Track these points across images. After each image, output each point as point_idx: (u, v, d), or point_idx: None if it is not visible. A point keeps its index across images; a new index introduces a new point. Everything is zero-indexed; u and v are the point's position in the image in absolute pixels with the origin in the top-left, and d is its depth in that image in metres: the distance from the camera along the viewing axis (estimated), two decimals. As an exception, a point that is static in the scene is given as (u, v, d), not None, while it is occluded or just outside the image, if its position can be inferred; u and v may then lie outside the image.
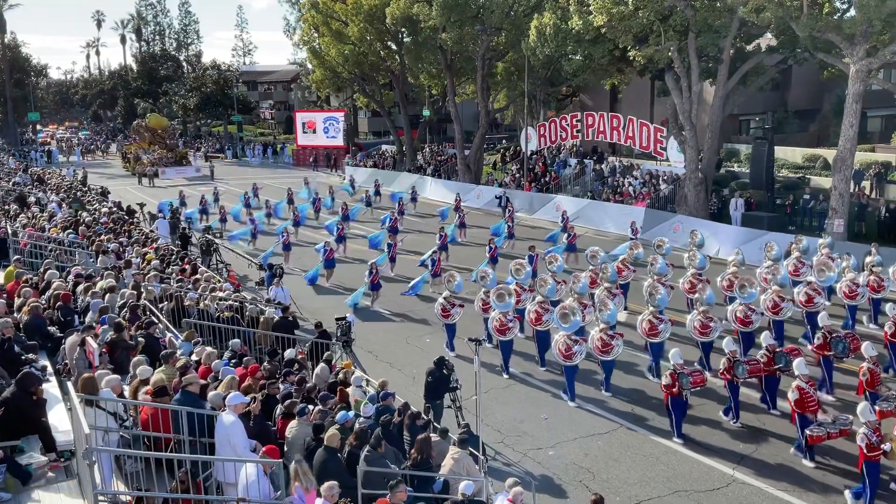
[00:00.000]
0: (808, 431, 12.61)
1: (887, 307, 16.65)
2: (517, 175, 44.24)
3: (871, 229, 28.25)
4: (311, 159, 65.38)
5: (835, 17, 26.45)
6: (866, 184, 32.62)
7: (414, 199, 39.73)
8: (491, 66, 44.85)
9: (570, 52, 36.00)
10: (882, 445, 11.02)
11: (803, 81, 44.64)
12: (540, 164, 44.89)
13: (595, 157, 43.63)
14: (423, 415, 12.37)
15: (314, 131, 64.87)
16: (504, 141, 63.45)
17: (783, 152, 37.49)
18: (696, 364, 16.20)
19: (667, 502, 12.06)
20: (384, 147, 63.98)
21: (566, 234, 27.23)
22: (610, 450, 13.89)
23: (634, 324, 17.77)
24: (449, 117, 51.96)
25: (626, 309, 20.63)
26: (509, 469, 12.96)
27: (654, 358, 16.93)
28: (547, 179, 42.45)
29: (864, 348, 14.15)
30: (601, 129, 39.10)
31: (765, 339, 15.17)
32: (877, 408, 12.63)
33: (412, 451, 10.48)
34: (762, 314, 17.69)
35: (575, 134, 41.40)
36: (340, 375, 13.31)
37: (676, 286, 20.22)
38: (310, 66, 62.53)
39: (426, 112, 57.62)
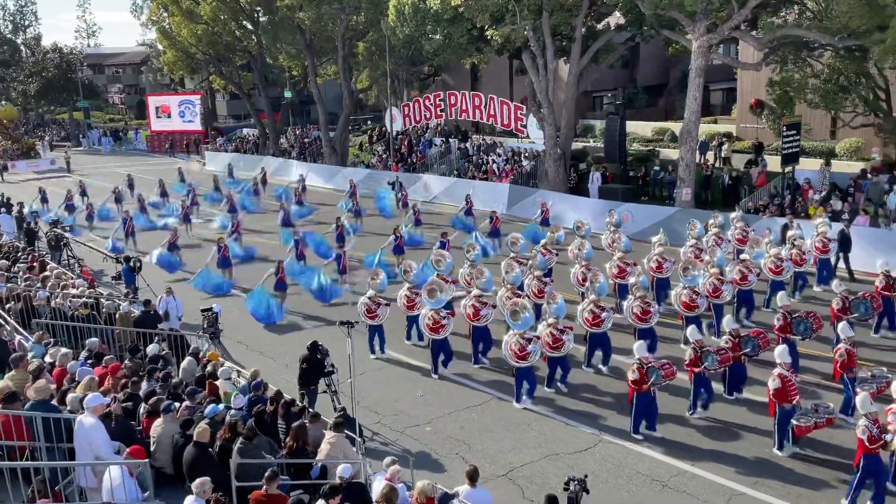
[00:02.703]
0: (794, 422, 12.04)
1: (833, 284, 16.42)
2: (383, 156, 44.17)
3: (716, 196, 30.20)
4: (166, 145, 62.63)
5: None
6: (710, 154, 34.77)
7: (303, 189, 36.46)
8: (352, 45, 44.39)
9: (430, 31, 36.22)
10: (883, 436, 10.51)
11: (651, 58, 46.94)
12: (405, 143, 45.01)
13: (459, 136, 44.20)
14: (297, 402, 12.25)
15: (169, 116, 62.05)
16: (369, 122, 63.07)
17: (634, 126, 39.30)
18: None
19: (539, 466, 12.52)
20: (245, 131, 62.14)
21: (545, 228, 25.48)
22: (484, 421, 14.26)
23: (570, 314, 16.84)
24: (312, 99, 51.06)
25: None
26: (387, 448, 13.06)
27: (602, 350, 15.97)
28: (413, 159, 42.63)
29: (841, 328, 13.54)
30: (464, 108, 39.65)
31: (727, 323, 14.57)
32: (858, 390, 12.32)
33: (287, 439, 10.36)
34: (706, 297, 16.84)
35: (439, 113, 41.75)
36: (208, 368, 12.93)
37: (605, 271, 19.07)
38: (160, 47, 59.71)
39: (287, 93, 56.36)
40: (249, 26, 49.40)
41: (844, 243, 20.40)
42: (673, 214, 26.45)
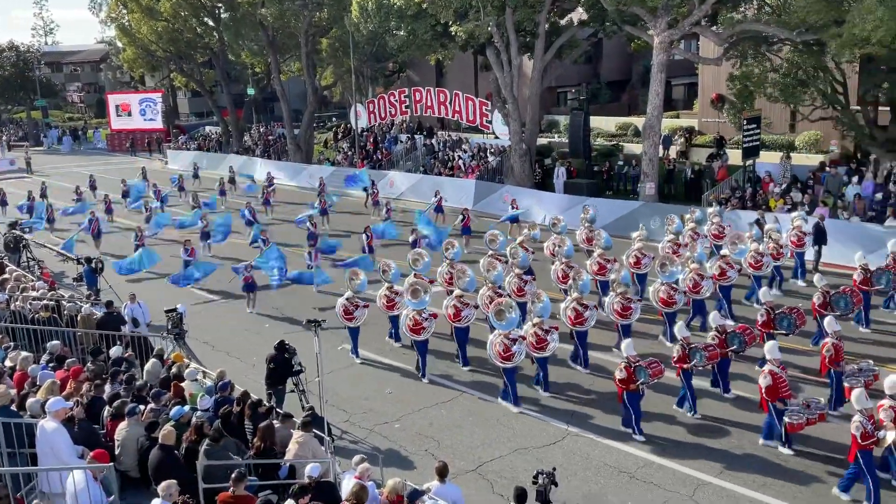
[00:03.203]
0: (786, 420, 11.98)
1: (815, 278, 16.28)
2: (349, 153, 43.97)
3: (679, 190, 30.57)
4: (127, 144, 61.65)
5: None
6: (673, 148, 35.15)
7: (272, 189, 35.58)
8: (315, 42, 44.06)
9: (394, 27, 36.07)
10: (877, 433, 10.46)
11: (614, 54, 47.30)
12: (371, 140, 44.84)
13: (425, 133, 44.14)
14: (264, 402, 12.16)
15: (129, 114, 61.02)
16: (334, 119, 62.70)
17: (598, 122, 39.60)
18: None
19: (509, 461, 12.59)
20: (208, 128, 61.40)
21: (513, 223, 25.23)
22: (453, 416, 14.29)
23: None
24: (275, 96, 50.59)
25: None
26: (356, 447, 13.02)
27: (582, 348, 15.81)
28: (379, 156, 42.50)
29: (828, 323, 13.53)
30: (429, 104, 39.59)
31: (713, 319, 14.44)
32: (846, 384, 12.65)
33: (254, 439, 10.29)
34: (685, 293, 16.81)
35: (404, 110, 41.65)
36: (173, 370, 12.77)
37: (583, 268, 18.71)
38: (120, 44, 58.69)
39: (251, 91, 55.78)
40: (211, 23, 48.79)
41: (819, 236, 20.44)
42: (637, 208, 26.71)
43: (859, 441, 10.46)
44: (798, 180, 25.67)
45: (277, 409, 11.81)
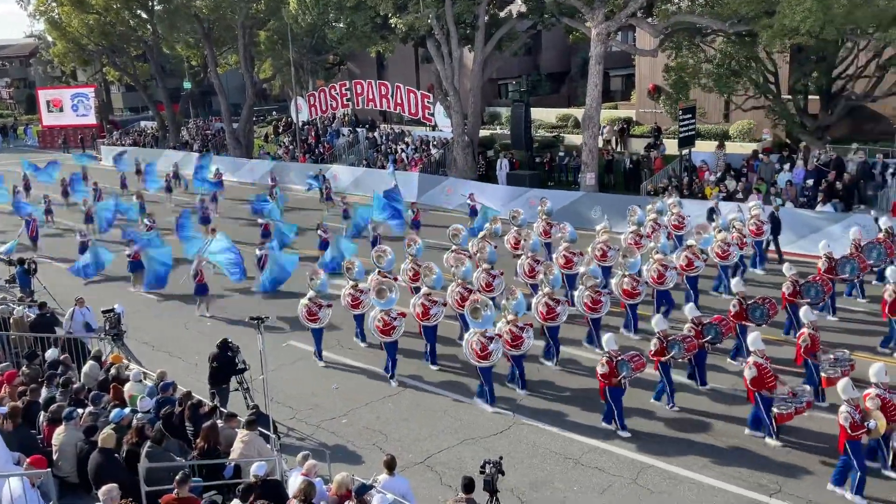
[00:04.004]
0: (774, 410, 11.98)
1: (784, 267, 16.26)
2: (290, 147, 43.46)
3: (619, 180, 31.06)
4: (59, 141, 59.75)
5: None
6: (612, 139, 35.69)
7: (219, 184, 34.85)
8: (252, 34, 43.35)
9: (333, 19, 35.69)
10: (866, 423, 10.43)
11: (553, 46, 47.74)
12: (312, 134, 44.39)
13: (367, 126, 43.90)
14: (207, 401, 11.97)
15: (61, 109, 59.23)
16: (274, 112, 61.84)
17: (539, 113, 39.91)
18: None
19: (456, 451, 12.68)
20: (143, 123, 59.92)
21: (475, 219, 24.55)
22: (400, 410, 14.31)
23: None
24: (213, 89, 49.65)
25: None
26: (303, 443, 12.95)
27: (554, 343, 15.58)
28: (321, 150, 42.11)
29: (804, 313, 13.44)
30: (370, 96, 39.38)
31: (689, 311, 14.19)
32: (823, 375, 12.66)
33: (198, 440, 10.13)
34: (647, 283, 16.75)
35: (345, 103, 41.34)
36: (112, 371, 12.48)
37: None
38: (50, 38, 56.77)
39: (187, 84, 54.61)
40: (144, 15, 47.59)
41: (774, 225, 20.63)
42: (579, 198, 27.06)
43: (848, 431, 10.42)
44: (732, 168, 26.32)
45: (221, 409, 11.65)
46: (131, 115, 70.88)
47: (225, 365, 13.58)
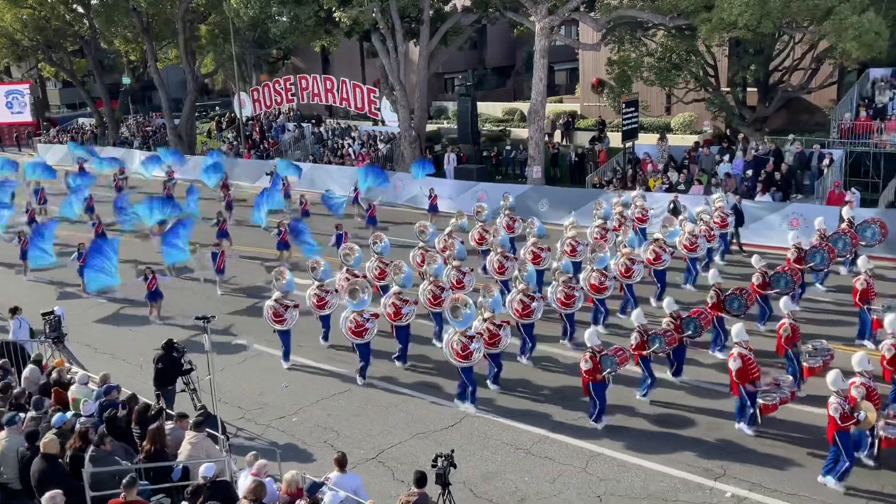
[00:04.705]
0: (760, 401, 12.01)
1: (753, 259, 16.24)
2: (234, 142, 42.80)
3: (564, 173, 31.41)
4: (-7, 139, 57.88)
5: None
6: (557, 133, 36.05)
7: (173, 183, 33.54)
8: (193, 28, 42.53)
9: (276, 13, 35.22)
10: (855, 414, 10.41)
11: (498, 40, 47.99)
12: (257, 129, 43.80)
13: (313, 121, 43.48)
14: (153, 403, 11.75)
15: (-6, 107, 57.15)
16: (217, 108, 60.78)
17: (485, 107, 40.12)
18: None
19: (409, 446, 12.69)
20: (81, 120, 58.26)
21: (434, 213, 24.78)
22: (351, 406, 14.25)
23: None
24: (153, 84, 48.53)
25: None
26: (253, 443, 12.80)
27: (530, 340, 15.44)
28: (266, 145, 41.58)
29: (784, 303, 13.42)
30: (316, 91, 38.96)
31: (667, 305, 14.14)
32: (805, 365, 12.85)
33: (144, 443, 9.94)
34: (615, 278, 16.60)
35: (290, 98, 40.86)
36: (54, 375, 12.16)
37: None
38: (-20, 33, 54.80)
39: (126, 80, 53.25)
40: (80, 10, 46.19)
41: (737, 217, 20.94)
42: (526, 192, 27.27)
43: (839, 422, 10.41)
44: (674, 160, 26.83)
45: (168, 410, 11.45)
46: (69, 111, 68.83)
47: (170, 366, 13.34)
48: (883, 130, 24.03)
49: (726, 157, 25.44)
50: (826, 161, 23.60)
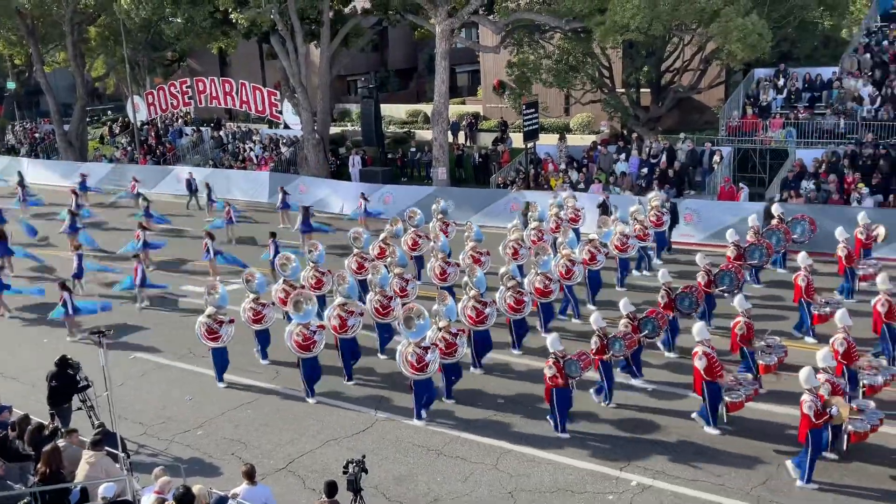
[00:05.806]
0: (727, 399, 12.04)
1: (697, 257, 16.31)
2: (129, 148, 41.27)
3: (469, 174, 31.73)
4: None
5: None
6: (461, 134, 36.39)
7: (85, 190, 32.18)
8: (82, 30, 40.72)
9: (169, 14, 34.17)
10: (829, 410, 10.46)
11: (400, 42, 48.09)
12: (153, 134, 42.37)
13: (212, 125, 42.40)
14: (47, 423, 11.21)
15: None
16: (110, 112, 58.45)
17: (389, 109, 40.11)
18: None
19: (319, 454, 12.54)
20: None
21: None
22: (260, 417, 13.96)
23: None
24: (40, 89, 46.23)
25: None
26: (156, 459, 12.36)
27: (480, 349, 15.00)
28: (163, 150, 40.27)
29: (738, 301, 13.50)
30: (214, 94, 38.04)
31: (624, 306, 13.97)
32: (760, 362, 12.96)
33: (39, 465, 9.47)
34: (559, 281, 16.50)
35: (187, 101, 39.72)
36: (-65, 399, 11.43)
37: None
38: None
39: (10, 84, 50.53)
40: (-44, 10, 43.55)
41: (673, 216, 21.18)
42: (431, 193, 27.36)
43: (813, 420, 10.40)
44: (574, 159, 27.53)
45: (62, 430, 10.94)
46: (-53, 118, 64.76)
47: (65, 383, 12.74)
48: (768, 128, 25.37)
49: (622, 157, 26.29)
50: (716, 158, 24.74)
